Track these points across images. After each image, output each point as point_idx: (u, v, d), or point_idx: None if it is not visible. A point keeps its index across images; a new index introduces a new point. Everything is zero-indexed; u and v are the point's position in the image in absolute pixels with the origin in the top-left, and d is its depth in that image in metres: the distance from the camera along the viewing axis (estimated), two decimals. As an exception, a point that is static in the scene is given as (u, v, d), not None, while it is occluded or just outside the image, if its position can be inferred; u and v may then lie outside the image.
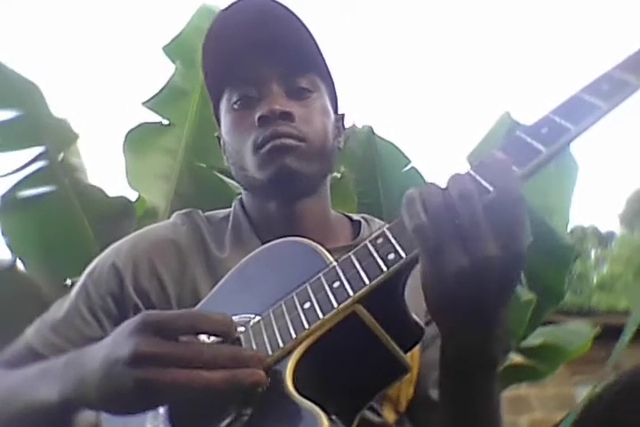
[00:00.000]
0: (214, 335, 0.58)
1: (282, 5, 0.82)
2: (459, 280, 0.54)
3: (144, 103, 2.14)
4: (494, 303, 0.58)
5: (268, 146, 0.79)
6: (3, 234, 2.00)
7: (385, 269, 0.58)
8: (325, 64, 0.86)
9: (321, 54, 0.85)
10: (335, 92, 0.91)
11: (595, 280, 18.65)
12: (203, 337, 0.60)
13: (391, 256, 0.58)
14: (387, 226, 0.61)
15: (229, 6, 0.84)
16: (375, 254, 0.60)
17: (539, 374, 2.67)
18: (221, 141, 0.91)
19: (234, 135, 0.84)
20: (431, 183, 0.57)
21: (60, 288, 1.90)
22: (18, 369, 0.70)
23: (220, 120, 0.89)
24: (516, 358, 2.52)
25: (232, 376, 0.53)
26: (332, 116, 0.89)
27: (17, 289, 1.94)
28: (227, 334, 0.57)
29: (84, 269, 0.86)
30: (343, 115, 0.95)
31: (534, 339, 2.46)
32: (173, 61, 2.20)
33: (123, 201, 2.13)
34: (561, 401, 5.66)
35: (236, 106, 0.84)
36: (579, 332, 2.81)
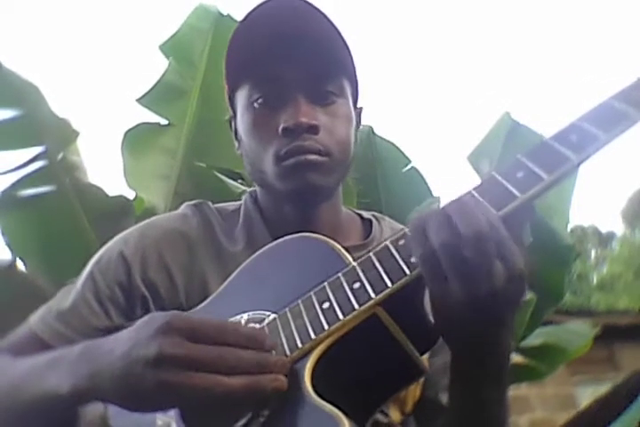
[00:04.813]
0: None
1: (313, 6, 0.79)
2: (467, 307, 0.55)
3: (138, 100, 2.14)
4: (504, 321, 0.58)
5: (291, 160, 0.76)
6: (2, 234, 2.00)
7: (408, 272, 0.57)
8: (353, 65, 0.83)
9: (351, 56, 0.82)
10: (358, 89, 0.88)
11: (595, 280, 18.64)
12: None
13: (414, 259, 0.57)
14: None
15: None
16: (397, 256, 0.59)
17: (539, 374, 2.67)
18: (232, 125, 0.89)
19: (254, 137, 0.82)
20: (435, 209, 0.56)
21: (59, 288, 1.89)
22: (22, 357, 0.69)
23: (234, 106, 0.87)
24: (516, 358, 2.51)
25: (254, 383, 0.53)
26: (354, 120, 0.86)
27: (17, 289, 1.93)
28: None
29: (84, 269, 0.84)
30: (361, 108, 0.91)
31: (534, 339, 2.46)
32: (168, 58, 2.20)
33: (122, 200, 2.13)
34: (561, 401, 5.66)
35: (256, 104, 0.81)
36: (579, 332, 2.81)
